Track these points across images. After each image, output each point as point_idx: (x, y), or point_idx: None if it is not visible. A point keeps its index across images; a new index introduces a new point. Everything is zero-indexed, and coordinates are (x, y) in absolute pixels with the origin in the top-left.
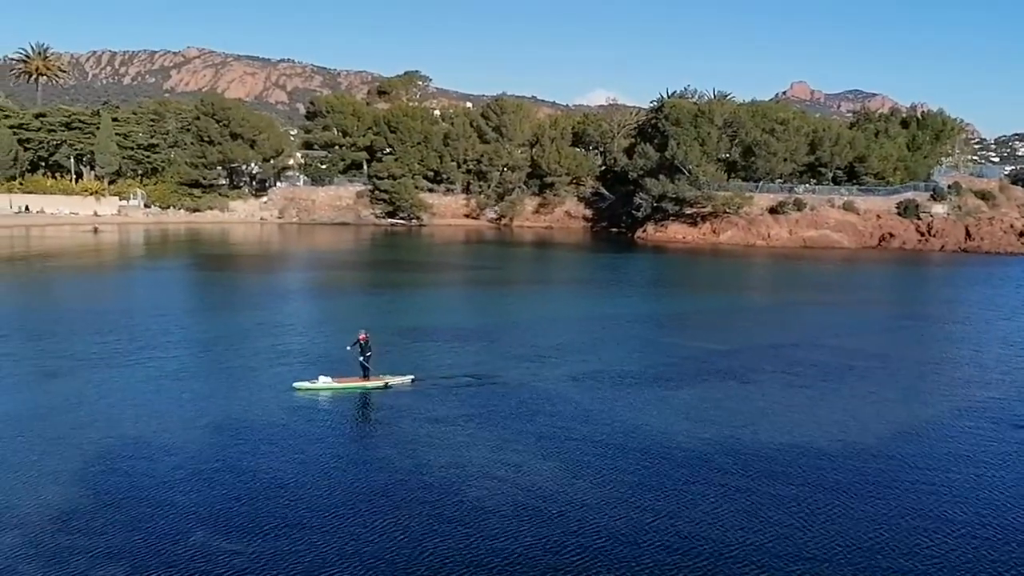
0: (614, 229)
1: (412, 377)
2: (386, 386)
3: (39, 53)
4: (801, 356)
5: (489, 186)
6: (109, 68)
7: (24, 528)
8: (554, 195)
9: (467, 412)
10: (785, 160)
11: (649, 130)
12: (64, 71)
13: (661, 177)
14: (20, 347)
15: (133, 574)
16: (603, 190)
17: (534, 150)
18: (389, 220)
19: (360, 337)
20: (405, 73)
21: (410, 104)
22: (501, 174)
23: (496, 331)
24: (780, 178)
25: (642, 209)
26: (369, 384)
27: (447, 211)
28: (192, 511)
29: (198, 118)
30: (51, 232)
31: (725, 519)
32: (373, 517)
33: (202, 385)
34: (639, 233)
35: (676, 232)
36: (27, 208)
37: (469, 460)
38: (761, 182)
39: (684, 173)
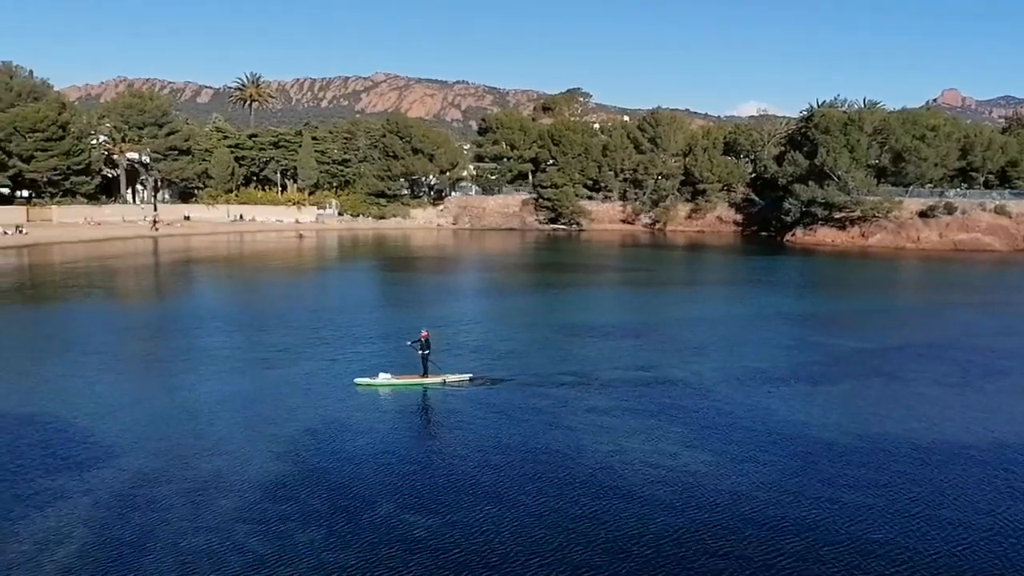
0: (764, 233)
1: (471, 376)
2: (444, 383)
3: (252, 82)
4: (951, 356)
5: (644, 193)
6: (309, 93)
7: (238, 495)
8: (706, 201)
9: (622, 404)
10: (935, 165)
11: (799, 138)
12: (272, 97)
13: (810, 183)
14: (242, 339)
15: (329, 536)
16: (753, 196)
17: (687, 159)
18: (551, 225)
19: (422, 335)
20: (568, 90)
21: (572, 119)
22: (656, 182)
23: (650, 329)
24: (930, 183)
25: (791, 214)
26: (427, 381)
27: (604, 217)
28: (380, 485)
29: (384, 136)
30: (260, 237)
31: (875, 514)
32: (542, 496)
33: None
34: (788, 237)
35: (825, 236)
36: (241, 216)
37: (627, 448)
38: (911, 187)
39: (833, 179)
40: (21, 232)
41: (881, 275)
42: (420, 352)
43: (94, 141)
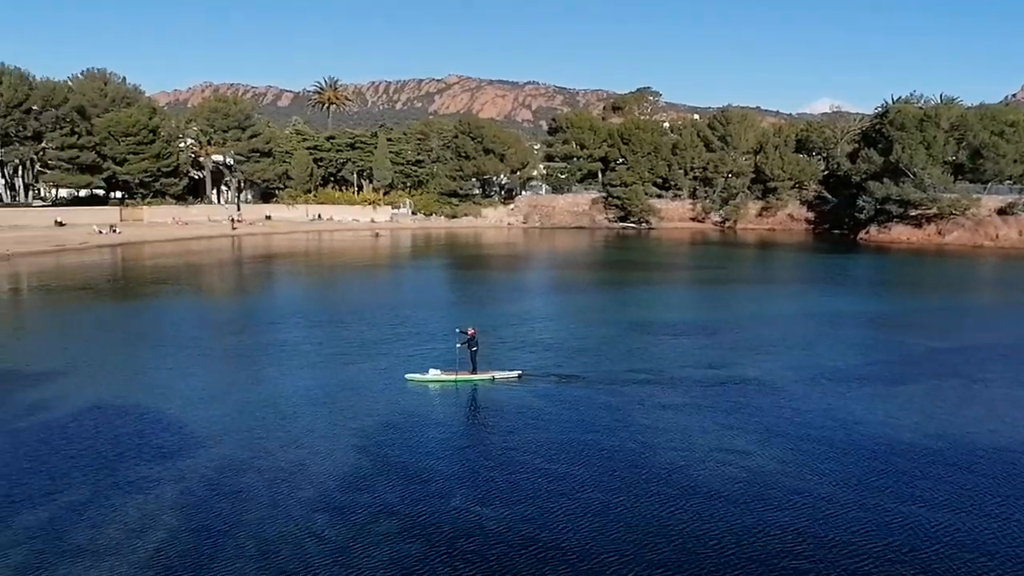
0: (836, 231)
1: (519, 372)
2: (492, 380)
3: (330, 86)
4: None
5: (714, 191)
6: (384, 96)
7: (318, 486)
8: (777, 199)
9: (693, 402)
10: (1014, 162)
11: (873, 135)
12: (349, 100)
13: (885, 180)
14: (321, 334)
15: (403, 528)
16: (826, 193)
17: (758, 157)
18: (620, 224)
19: (469, 332)
20: (637, 90)
21: (641, 118)
22: (726, 180)
23: (721, 326)
24: (1009, 179)
25: (865, 211)
26: (476, 377)
27: (674, 215)
28: (454, 478)
29: (456, 136)
30: (338, 236)
31: (963, 517)
32: (614, 492)
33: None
34: (862, 235)
35: (900, 233)
36: (319, 216)
37: (699, 446)
38: (989, 184)
39: (909, 176)
40: (115, 231)
41: (958, 273)
42: (469, 349)
43: (182, 144)
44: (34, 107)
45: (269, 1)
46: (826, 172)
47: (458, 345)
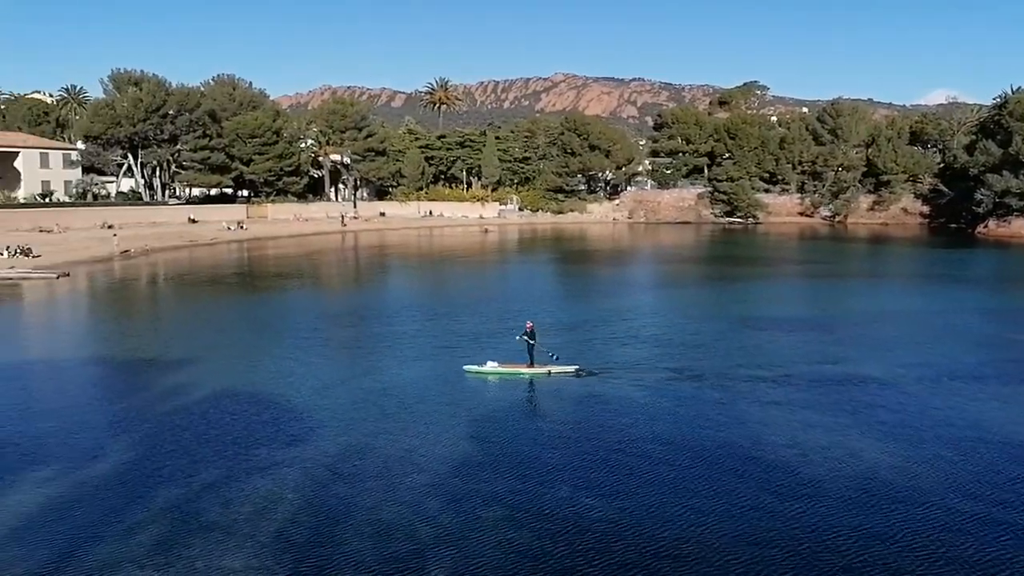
0: (952, 225)
1: (576, 368)
2: (548, 374)
3: (441, 86)
4: None
5: (823, 185)
6: (493, 95)
7: (429, 472)
8: (890, 192)
9: (801, 399)
10: None
11: (991, 126)
12: (459, 100)
13: (1004, 173)
14: (433, 326)
15: (511, 514)
16: (941, 187)
17: (869, 150)
18: (727, 219)
19: (527, 327)
20: (744, 84)
21: (748, 112)
22: (836, 174)
23: (831, 322)
24: None
25: (983, 205)
26: (532, 371)
27: (782, 210)
28: (560, 469)
29: (562, 134)
30: (447, 232)
31: None
32: (719, 488)
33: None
34: (980, 229)
35: (1021, 227)
36: (430, 212)
37: (806, 444)
38: None
39: None
40: (242, 228)
41: None
42: (527, 342)
43: (303, 145)
44: (170, 112)
45: (384, 6)
46: (942, 165)
47: (517, 338)
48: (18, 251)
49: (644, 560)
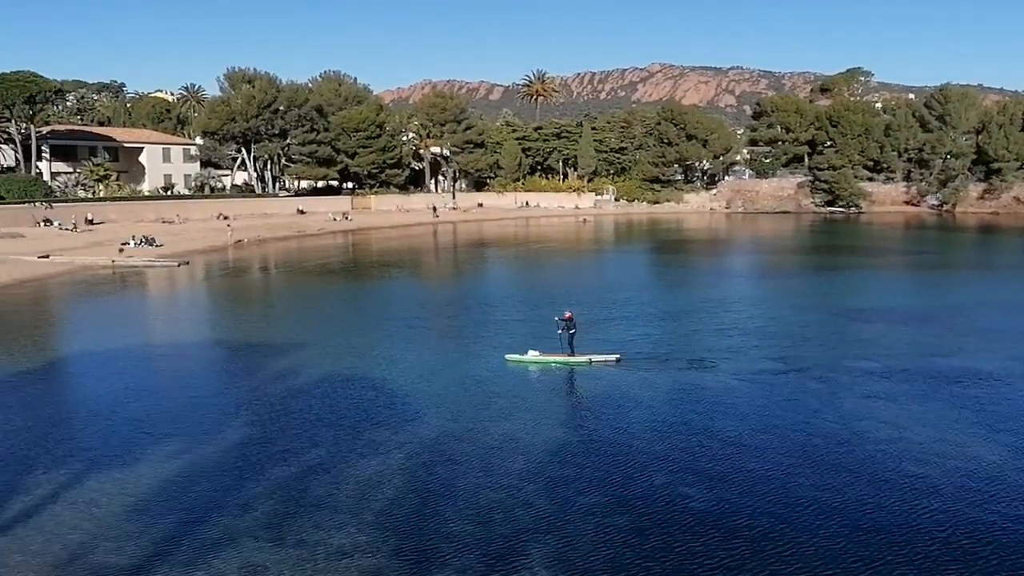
0: None
1: (617, 356)
2: (590, 362)
3: (538, 79)
4: None
5: (931, 173)
6: (589, 86)
7: (528, 457)
8: (1001, 180)
9: (903, 391)
10: None
11: None
12: (556, 91)
13: None
14: (530, 313)
15: (607, 501)
16: None
17: (980, 137)
18: (828, 208)
19: (566, 316)
20: (847, 70)
21: (851, 99)
22: (943, 161)
23: (937, 314)
24: None
25: None
26: (573, 359)
27: (886, 199)
28: (656, 457)
29: (659, 124)
30: (544, 222)
31: None
32: (818, 481)
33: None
34: None
35: None
36: (527, 203)
37: (910, 437)
38: None
39: None
40: (347, 218)
41: None
42: (567, 332)
43: (404, 138)
44: (280, 107)
45: (482, 1)
46: None
47: (559, 331)
48: (143, 241)
49: (741, 548)
